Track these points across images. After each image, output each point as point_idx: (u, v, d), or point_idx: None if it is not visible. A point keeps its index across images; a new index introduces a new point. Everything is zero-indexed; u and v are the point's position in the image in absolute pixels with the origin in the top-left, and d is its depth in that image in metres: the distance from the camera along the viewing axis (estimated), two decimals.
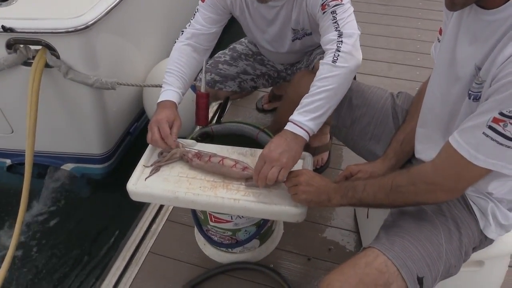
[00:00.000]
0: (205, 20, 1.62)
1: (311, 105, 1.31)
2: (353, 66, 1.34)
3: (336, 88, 1.32)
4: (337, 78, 1.32)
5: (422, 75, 2.71)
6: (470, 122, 0.93)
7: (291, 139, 1.29)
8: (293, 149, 1.27)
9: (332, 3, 1.40)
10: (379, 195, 1.08)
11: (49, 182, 2.48)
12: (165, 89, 1.54)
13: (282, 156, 1.24)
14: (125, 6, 2.05)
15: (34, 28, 1.82)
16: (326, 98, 1.31)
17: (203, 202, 1.29)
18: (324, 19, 1.42)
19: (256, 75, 2.00)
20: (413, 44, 3.04)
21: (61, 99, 2.13)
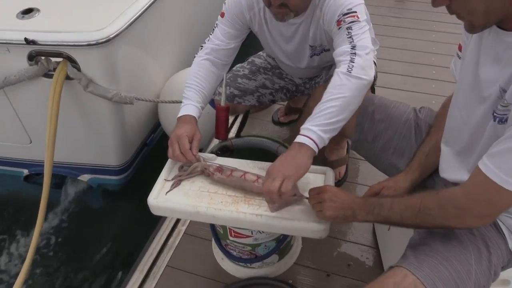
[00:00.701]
0: (224, 36, 1.64)
1: (323, 112, 1.29)
2: (366, 81, 1.33)
3: (350, 98, 1.30)
4: (351, 88, 1.30)
5: (438, 88, 2.70)
6: (500, 146, 0.92)
7: (297, 150, 1.27)
8: (297, 159, 1.24)
9: (348, 20, 1.40)
10: (406, 214, 1.07)
11: (66, 193, 2.50)
12: (185, 104, 1.55)
13: (284, 167, 1.22)
14: (144, 19, 2.07)
15: (56, 41, 1.84)
16: (339, 106, 1.29)
17: (225, 217, 1.29)
18: (339, 34, 1.42)
19: (274, 89, 2.00)
20: (428, 57, 3.03)
21: (80, 111, 2.15)
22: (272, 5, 1.45)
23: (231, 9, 1.63)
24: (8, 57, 1.94)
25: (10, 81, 1.97)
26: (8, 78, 1.96)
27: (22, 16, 1.94)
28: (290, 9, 1.46)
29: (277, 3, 1.43)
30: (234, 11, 1.62)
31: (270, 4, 1.47)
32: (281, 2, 1.42)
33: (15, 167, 2.57)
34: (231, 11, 1.63)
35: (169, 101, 2.29)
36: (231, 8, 1.63)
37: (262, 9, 1.61)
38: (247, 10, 1.62)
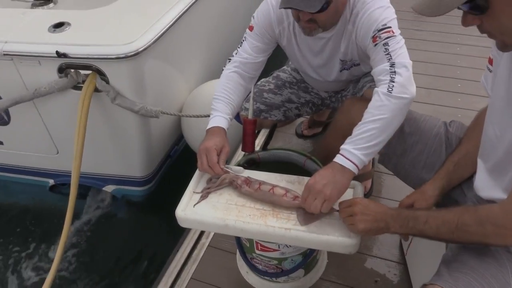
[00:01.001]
0: (252, 49, 1.64)
1: (364, 134, 1.29)
2: (408, 100, 1.32)
3: (390, 118, 1.29)
4: (392, 108, 1.30)
5: (464, 102, 2.67)
6: None
7: (338, 171, 1.27)
8: (339, 181, 1.25)
9: (384, 35, 1.39)
10: (443, 230, 1.05)
11: (91, 203, 2.53)
12: (213, 116, 1.56)
13: (326, 189, 1.23)
14: (171, 33, 2.10)
15: (86, 54, 1.89)
16: (380, 128, 1.28)
17: (254, 230, 1.28)
18: (376, 51, 1.41)
19: (300, 103, 2.00)
20: (453, 70, 3.00)
21: (107, 123, 2.18)
22: (301, 20, 1.46)
23: (261, 22, 1.63)
24: (39, 69, 1.99)
25: (40, 93, 2.01)
26: (38, 90, 2.01)
27: (53, 30, 1.99)
28: (318, 24, 1.47)
29: (306, 18, 1.44)
30: (264, 25, 1.63)
31: (299, 19, 1.47)
32: (309, 18, 1.43)
33: (41, 177, 2.62)
34: (260, 25, 1.64)
35: (193, 116, 2.31)
36: (260, 21, 1.63)
37: (291, 23, 1.62)
38: (277, 24, 1.63)
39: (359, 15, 1.47)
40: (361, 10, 1.46)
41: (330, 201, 1.23)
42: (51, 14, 2.12)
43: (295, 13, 1.47)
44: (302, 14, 1.43)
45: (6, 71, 2.03)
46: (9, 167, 2.64)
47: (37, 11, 2.21)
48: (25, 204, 2.69)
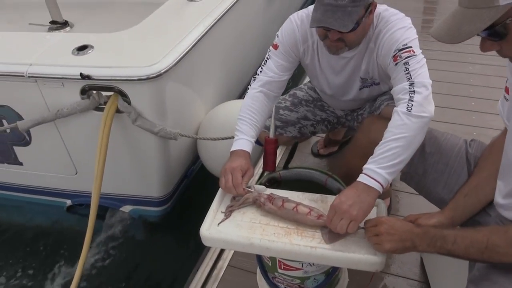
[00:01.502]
0: (278, 68, 1.67)
1: (387, 153, 1.30)
2: (427, 119, 1.33)
3: (412, 137, 1.31)
4: (413, 127, 1.31)
5: (478, 120, 2.68)
6: None
7: (363, 190, 1.28)
8: (364, 201, 1.26)
9: (405, 55, 1.41)
10: (472, 250, 1.05)
11: (108, 224, 2.54)
12: (238, 138, 1.58)
13: (352, 209, 1.24)
14: (191, 56, 2.15)
15: (109, 76, 1.93)
16: (403, 146, 1.30)
17: (279, 249, 1.29)
18: (396, 70, 1.43)
19: (316, 121, 2.02)
20: (466, 88, 3.02)
21: (126, 143, 2.22)
22: (329, 38, 1.48)
23: (285, 41, 1.66)
24: (62, 91, 2.04)
25: (63, 114, 2.05)
26: (61, 111, 2.05)
27: (77, 52, 2.05)
28: (345, 44, 1.50)
29: (335, 38, 1.46)
30: (288, 44, 1.66)
31: (325, 37, 1.50)
32: (338, 37, 1.46)
33: (58, 198, 2.64)
34: (285, 43, 1.66)
35: (210, 138, 2.33)
36: (285, 40, 1.66)
37: (315, 41, 1.65)
38: (302, 42, 1.66)
39: (381, 34, 1.50)
40: (383, 29, 1.49)
41: (356, 221, 1.24)
42: (74, 37, 2.18)
43: (323, 32, 1.49)
44: (331, 34, 1.46)
45: (29, 93, 2.08)
46: (27, 188, 2.67)
47: (60, 35, 2.27)
48: (42, 225, 2.70)
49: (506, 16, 0.88)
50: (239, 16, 2.75)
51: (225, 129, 2.34)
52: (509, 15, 0.88)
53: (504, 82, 1.27)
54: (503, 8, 0.87)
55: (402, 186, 2.09)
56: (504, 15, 0.88)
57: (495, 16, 0.88)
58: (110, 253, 2.43)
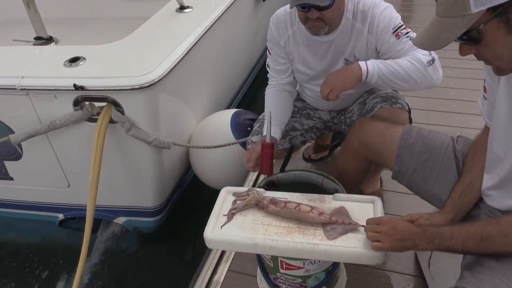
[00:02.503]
0: (276, 74, 1.90)
1: (391, 67, 1.57)
2: (433, 81, 1.63)
3: (414, 81, 1.57)
4: (420, 76, 1.57)
5: (460, 121, 2.77)
6: None
7: (348, 68, 1.62)
8: (345, 77, 1.60)
9: (404, 31, 1.61)
10: (469, 244, 1.10)
11: (102, 236, 2.52)
12: None
13: (334, 80, 1.61)
14: (183, 65, 2.18)
15: (103, 86, 1.95)
16: (403, 78, 1.57)
17: (282, 247, 1.32)
18: (402, 43, 1.61)
19: (304, 130, 2.07)
20: (447, 91, 3.12)
21: (120, 154, 2.22)
22: (309, 19, 1.61)
23: (271, 44, 1.85)
24: (54, 103, 2.04)
25: (56, 126, 2.05)
26: (53, 123, 2.05)
27: (69, 64, 2.05)
28: (325, 22, 1.63)
29: (314, 16, 1.60)
30: (273, 44, 1.84)
31: (307, 20, 1.64)
32: (317, 16, 1.59)
33: (50, 212, 2.61)
34: (271, 46, 1.85)
35: (203, 147, 2.36)
36: (271, 43, 1.85)
37: (296, 31, 1.79)
38: (280, 36, 1.81)
39: (369, 14, 1.66)
40: (370, 9, 1.66)
41: (334, 90, 1.59)
42: (65, 50, 2.19)
43: (303, 15, 1.63)
44: (310, 13, 1.59)
45: (21, 106, 2.07)
46: (17, 203, 2.64)
47: (50, 48, 2.27)
48: (34, 242, 2.66)
49: (479, 23, 0.96)
50: (228, 26, 2.81)
51: (217, 139, 2.38)
52: (482, 21, 0.95)
53: (481, 84, 1.36)
54: (476, 15, 0.95)
55: (392, 186, 2.16)
56: (477, 22, 0.95)
57: (469, 23, 0.96)
58: (105, 267, 2.41)
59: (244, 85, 3.55)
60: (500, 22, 0.95)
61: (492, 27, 0.96)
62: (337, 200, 1.47)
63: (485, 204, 1.32)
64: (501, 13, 0.93)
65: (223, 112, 2.65)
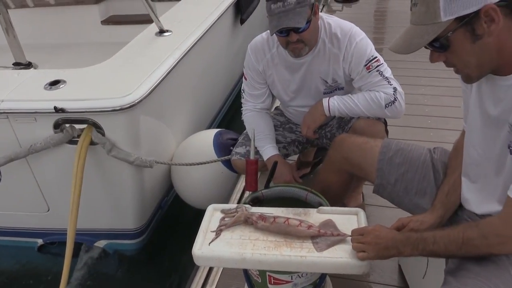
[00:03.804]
0: (252, 98, 2.00)
1: (351, 102, 1.80)
2: (389, 118, 1.85)
3: (368, 114, 1.82)
4: (376, 114, 1.80)
5: (435, 136, 2.86)
6: None
7: (315, 107, 1.87)
8: (313, 114, 1.87)
9: (375, 64, 1.74)
10: (451, 247, 1.14)
11: (82, 261, 2.47)
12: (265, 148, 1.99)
13: (307, 119, 1.89)
14: (163, 86, 2.20)
15: (83, 108, 1.95)
16: (360, 112, 1.80)
17: (271, 261, 1.33)
18: (371, 75, 1.75)
19: (287, 143, 2.12)
20: (422, 108, 3.22)
21: (100, 175, 2.21)
22: (290, 42, 1.70)
23: (247, 69, 1.94)
24: (34, 126, 2.02)
25: (36, 149, 2.03)
26: (34, 146, 2.03)
27: (49, 87, 2.05)
28: (304, 43, 1.72)
29: (294, 39, 1.69)
30: (251, 68, 1.93)
31: (288, 43, 1.72)
32: (297, 38, 1.69)
33: (29, 238, 2.55)
34: (249, 73, 1.94)
35: (186, 164, 2.37)
36: (247, 68, 1.94)
37: (269, 59, 1.88)
38: (258, 62, 1.91)
39: (346, 43, 1.77)
40: (346, 39, 1.77)
41: (309, 128, 1.88)
42: (45, 73, 2.18)
43: (284, 40, 1.73)
44: (291, 36, 1.68)
45: (0, 129, 2.04)
46: None
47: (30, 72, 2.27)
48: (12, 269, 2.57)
49: (447, 31, 1.04)
50: (207, 49, 2.86)
51: (199, 158, 2.38)
52: (450, 29, 1.04)
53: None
54: (445, 23, 1.03)
55: (373, 200, 2.19)
56: (445, 29, 1.04)
57: (438, 30, 1.04)
58: None
59: (224, 106, 3.58)
60: (466, 31, 1.03)
61: (459, 35, 1.04)
62: (321, 213, 1.50)
63: (465, 211, 1.36)
64: (467, 23, 1.02)
65: (205, 132, 2.67)
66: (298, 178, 2.01)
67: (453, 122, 2.83)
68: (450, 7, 1.01)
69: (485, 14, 1.00)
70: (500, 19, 1.00)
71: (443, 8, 1.02)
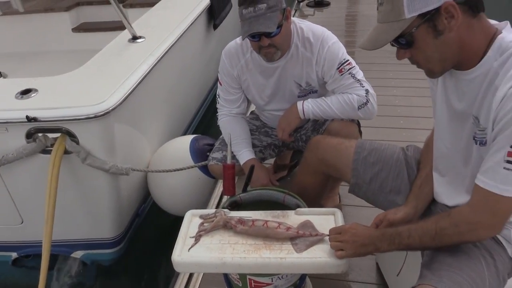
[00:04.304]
0: (227, 103, 2.01)
1: (324, 104, 1.83)
2: (362, 119, 1.91)
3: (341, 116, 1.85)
4: (348, 115, 1.84)
5: (408, 135, 2.92)
6: (489, 162, 1.08)
7: (290, 110, 1.89)
8: (288, 117, 1.90)
9: (347, 67, 1.77)
10: (425, 239, 1.18)
11: (59, 273, 2.41)
12: (241, 152, 1.99)
13: (282, 122, 1.91)
14: (137, 93, 2.19)
15: (56, 117, 1.91)
16: (333, 114, 1.84)
17: (251, 264, 1.34)
18: (344, 78, 1.79)
19: (263, 146, 2.14)
20: (393, 109, 3.30)
21: (76, 184, 2.17)
22: (262, 46, 1.72)
23: (222, 74, 1.96)
24: (6, 136, 1.98)
25: (8, 160, 1.98)
26: (5, 157, 1.98)
27: (21, 96, 2.01)
28: (276, 47, 1.74)
29: (266, 43, 1.71)
30: (225, 74, 1.95)
31: (260, 48, 1.75)
32: (268, 42, 1.71)
33: (2, 251, 2.47)
34: (224, 79, 1.96)
35: (162, 170, 2.35)
36: (222, 73, 1.95)
37: (243, 64, 1.91)
38: (232, 67, 1.92)
39: (318, 47, 1.80)
40: (319, 43, 1.80)
41: (284, 131, 1.91)
42: (16, 82, 2.14)
43: (256, 45, 1.75)
44: (262, 41, 1.70)
45: None
46: None
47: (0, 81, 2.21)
48: None
49: (412, 27, 1.10)
50: (181, 54, 2.85)
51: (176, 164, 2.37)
52: (413, 26, 1.10)
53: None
54: (409, 20, 1.09)
55: (350, 200, 2.23)
56: (409, 26, 1.10)
57: (403, 26, 1.10)
58: None
59: (200, 111, 3.58)
60: (428, 27, 1.09)
61: (422, 31, 1.10)
62: (299, 215, 1.52)
63: (438, 204, 1.41)
64: (429, 19, 1.08)
65: (181, 138, 2.66)
66: (275, 181, 2.02)
67: (424, 122, 2.90)
68: (413, 5, 1.07)
69: (445, 10, 1.06)
70: (459, 15, 1.06)
71: (407, 6, 1.07)
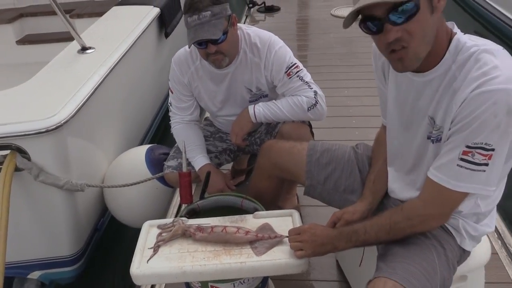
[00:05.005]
0: (179, 111, 2.02)
1: (274, 107, 1.87)
2: (312, 120, 1.97)
3: (294, 119, 1.90)
4: (298, 117, 1.88)
5: (361, 134, 3.03)
6: (443, 159, 1.15)
7: (242, 114, 1.93)
8: (240, 122, 1.93)
9: (295, 70, 1.82)
10: (380, 234, 1.24)
11: None
12: (196, 158, 1.99)
13: (235, 127, 1.95)
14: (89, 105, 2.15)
15: (5, 133, 1.85)
16: (284, 116, 1.88)
17: (211, 271, 1.35)
18: (292, 81, 1.83)
19: (218, 152, 2.16)
20: (346, 109, 3.41)
21: (29, 202, 2.09)
22: (209, 53, 1.74)
23: (173, 82, 1.97)
24: None
25: None
26: None
27: None
28: (224, 54, 1.76)
29: (213, 50, 1.73)
30: (176, 81, 1.96)
31: (207, 55, 1.76)
32: (215, 49, 1.73)
33: None
34: (175, 86, 1.97)
35: (118, 185, 2.31)
36: (173, 81, 1.97)
37: (193, 71, 1.93)
38: (182, 75, 1.94)
39: (265, 52, 1.84)
40: (266, 48, 1.84)
41: (238, 135, 1.93)
42: None
43: (203, 52, 1.76)
44: (209, 48, 1.72)
45: None
46: None
47: None
48: None
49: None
50: (132, 64, 2.82)
51: (132, 176, 2.34)
52: None
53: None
54: None
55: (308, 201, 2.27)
56: None
57: None
58: None
59: (155, 121, 3.54)
60: (426, 1, 1.06)
61: (424, 4, 1.06)
62: (257, 218, 1.55)
63: (391, 199, 1.48)
64: None
65: (136, 149, 2.62)
66: (232, 186, 2.04)
67: (374, 120, 2.96)
68: None
69: None
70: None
71: None
